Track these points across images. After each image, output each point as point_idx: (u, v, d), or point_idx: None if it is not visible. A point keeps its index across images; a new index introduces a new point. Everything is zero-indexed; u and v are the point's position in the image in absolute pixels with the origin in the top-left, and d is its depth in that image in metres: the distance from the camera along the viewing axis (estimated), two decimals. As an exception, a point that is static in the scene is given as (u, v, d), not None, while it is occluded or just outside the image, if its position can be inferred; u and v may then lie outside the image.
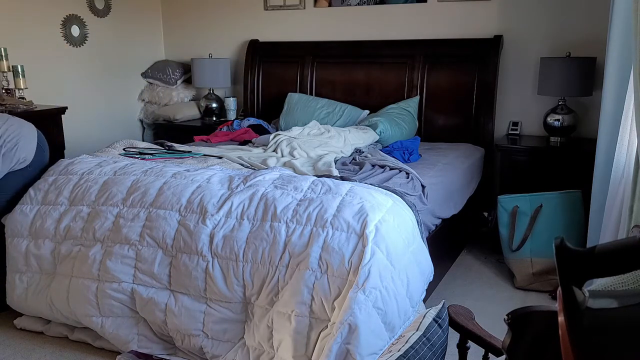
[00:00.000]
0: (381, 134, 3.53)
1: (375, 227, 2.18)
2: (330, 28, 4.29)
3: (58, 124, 3.65)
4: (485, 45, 3.74)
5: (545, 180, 3.34)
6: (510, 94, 3.81)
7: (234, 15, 4.63)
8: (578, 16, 3.54)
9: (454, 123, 3.87)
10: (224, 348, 2.33)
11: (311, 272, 2.15)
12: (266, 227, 2.29)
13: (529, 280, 3.13)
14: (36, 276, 2.66)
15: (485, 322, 1.70)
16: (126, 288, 2.44)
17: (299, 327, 2.14)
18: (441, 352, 1.48)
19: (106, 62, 4.48)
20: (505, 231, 3.24)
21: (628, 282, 1.01)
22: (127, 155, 3.10)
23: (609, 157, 2.68)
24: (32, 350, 2.55)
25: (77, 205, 2.63)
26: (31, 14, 3.88)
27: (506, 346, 0.94)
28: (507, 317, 0.93)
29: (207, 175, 2.59)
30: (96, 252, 2.50)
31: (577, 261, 0.78)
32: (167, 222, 2.42)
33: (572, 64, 3.36)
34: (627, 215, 2.52)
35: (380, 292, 2.09)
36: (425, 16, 3.98)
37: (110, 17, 4.46)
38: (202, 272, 2.32)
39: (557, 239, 0.78)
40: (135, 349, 2.43)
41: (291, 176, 2.56)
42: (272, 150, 3.31)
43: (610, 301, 0.82)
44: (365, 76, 4.11)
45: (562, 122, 3.46)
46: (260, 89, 4.51)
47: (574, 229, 3.12)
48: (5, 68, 3.51)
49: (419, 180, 2.73)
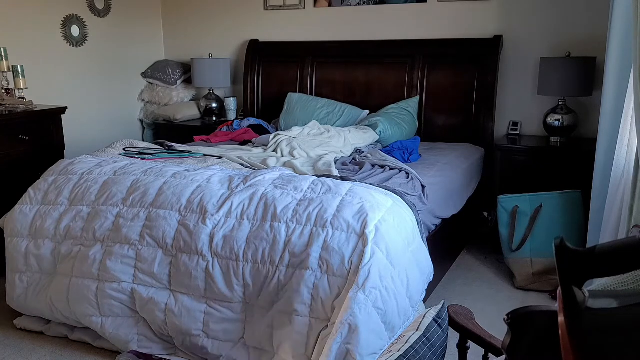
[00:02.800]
0: (381, 134, 3.53)
1: (375, 227, 2.18)
2: (330, 28, 4.29)
3: (58, 124, 3.65)
4: (485, 45, 3.74)
5: (545, 180, 3.33)
6: (510, 94, 3.81)
7: (234, 15, 4.63)
8: (578, 16, 3.54)
9: (454, 123, 3.87)
10: (224, 348, 2.33)
11: (311, 272, 2.15)
12: (266, 227, 2.29)
13: (529, 280, 3.13)
14: (36, 276, 2.66)
15: (485, 322, 1.70)
16: (126, 288, 2.44)
17: (299, 327, 2.14)
18: (441, 352, 1.48)
19: (106, 62, 4.48)
20: (505, 231, 3.24)
21: (628, 282, 1.01)
22: (127, 155, 3.10)
23: (609, 157, 2.68)
24: (32, 350, 2.55)
25: (77, 205, 2.63)
26: (31, 14, 3.88)
27: (506, 346, 0.94)
28: (507, 317, 0.93)
29: (207, 175, 2.59)
30: (96, 252, 2.50)
31: (577, 261, 0.78)
32: (167, 222, 2.42)
33: (572, 64, 3.36)
34: (627, 215, 2.52)
35: (380, 292, 2.09)
36: (425, 16, 3.98)
37: (110, 17, 4.46)
38: (202, 272, 2.32)
39: (557, 239, 0.78)
40: (135, 349, 2.43)
41: (291, 176, 2.56)
42: (272, 150, 3.31)
43: (610, 301, 0.82)
44: (365, 76, 4.11)
45: (562, 122, 3.46)
46: (260, 89, 4.51)
47: (574, 229, 3.12)
48: (5, 68, 3.51)
49: (419, 180, 2.73)
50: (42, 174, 2.87)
